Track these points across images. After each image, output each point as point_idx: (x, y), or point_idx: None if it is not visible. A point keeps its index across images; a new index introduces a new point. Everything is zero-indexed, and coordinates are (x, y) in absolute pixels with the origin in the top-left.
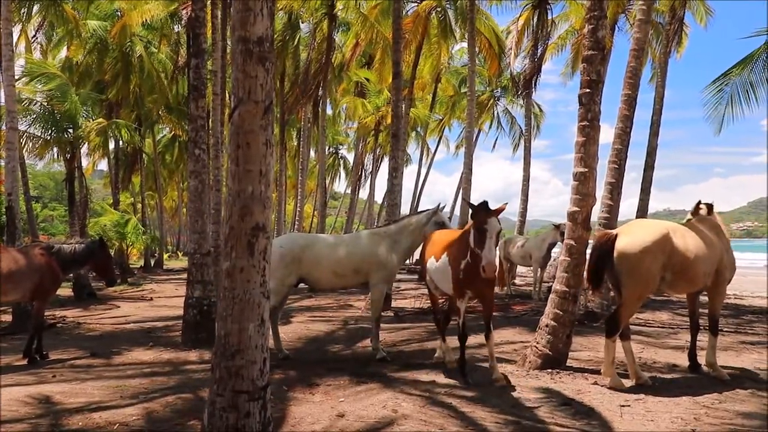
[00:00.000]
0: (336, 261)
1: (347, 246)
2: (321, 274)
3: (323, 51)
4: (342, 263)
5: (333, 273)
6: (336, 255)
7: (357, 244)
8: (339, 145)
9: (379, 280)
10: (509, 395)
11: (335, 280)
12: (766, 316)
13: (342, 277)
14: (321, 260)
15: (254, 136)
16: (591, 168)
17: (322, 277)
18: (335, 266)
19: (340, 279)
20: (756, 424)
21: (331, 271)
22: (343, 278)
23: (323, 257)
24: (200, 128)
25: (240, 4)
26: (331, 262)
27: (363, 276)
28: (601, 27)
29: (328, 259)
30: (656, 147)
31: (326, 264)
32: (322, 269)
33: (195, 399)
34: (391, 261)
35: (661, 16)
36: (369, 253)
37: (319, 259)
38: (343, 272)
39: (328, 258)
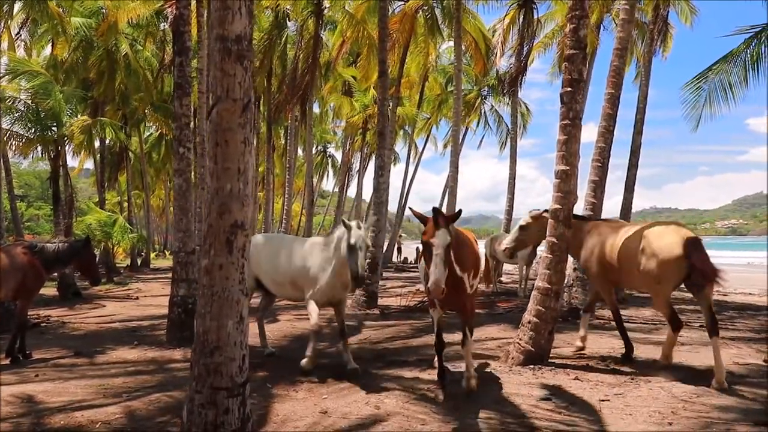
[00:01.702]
0: (274, 268)
1: (289, 253)
2: (266, 280)
3: (310, 49)
4: (279, 272)
5: (272, 281)
6: (276, 261)
7: (296, 253)
8: (327, 144)
9: (309, 296)
10: (492, 391)
11: (278, 290)
12: (748, 312)
13: (281, 286)
14: (262, 265)
15: (232, 134)
16: (573, 166)
17: (268, 284)
18: (273, 274)
19: (280, 288)
20: (732, 417)
21: (270, 279)
22: (282, 288)
23: (266, 262)
24: (185, 126)
25: (218, 2)
26: (270, 268)
27: (300, 290)
28: (583, 26)
29: (269, 264)
30: (640, 145)
31: (267, 269)
32: (265, 275)
33: (179, 397)
34: (322, 276)
35: (646, 16)
36: (301, 265)
37: (264, 263)
38: (282, 281)
39: (269, 263)
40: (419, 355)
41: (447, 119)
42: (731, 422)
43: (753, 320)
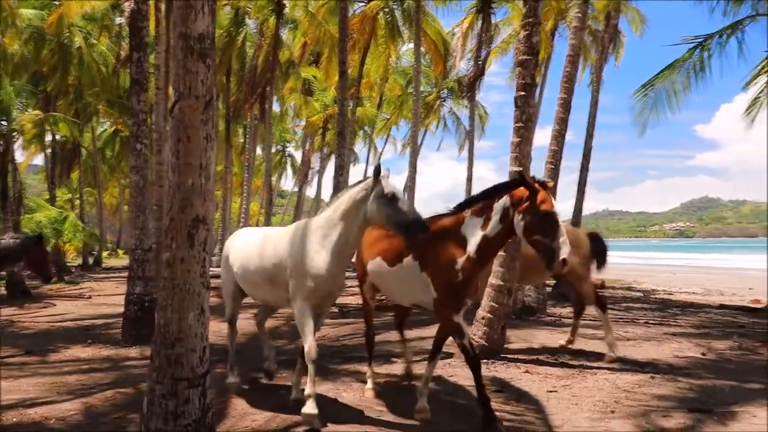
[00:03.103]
0: (245, 265)
1: (264, 243)
2: (241, 280)
3: (270, 48)
4: (252, 268)
5: (244, 281)
6: (247, 256)
7: (273, 241)
8: (286, 143)
9: (295, 293)
10: (447, 383)
11: (253, 292)
12: (689, 310)
13: (256, 286)
14: (236, 262)
15: (195, 131)
16: (525, 167)
17: (244, 285)
18: (245, 272)
19: (256, 290)
20: (669, 404)
21: (242, 278)
22: (257, 288)
23: (239, 258)
24: (142, 123)
25: (181, 1)
26: (243, 265)
27: (282, 288)
28: (536, 33)
29: (243, 260)
30: (591, 149)
31: (240, 267)
32: (240, 275)
33: (135, 393)
34: (313, 264)
35: (599, 24)
36: (282, 254)
37: (237, 259)
38: (255, 280)
39: (243, 259)
40: (376, 352)
41: (407, 120)
42: (668, 409)
43: (694, 317)
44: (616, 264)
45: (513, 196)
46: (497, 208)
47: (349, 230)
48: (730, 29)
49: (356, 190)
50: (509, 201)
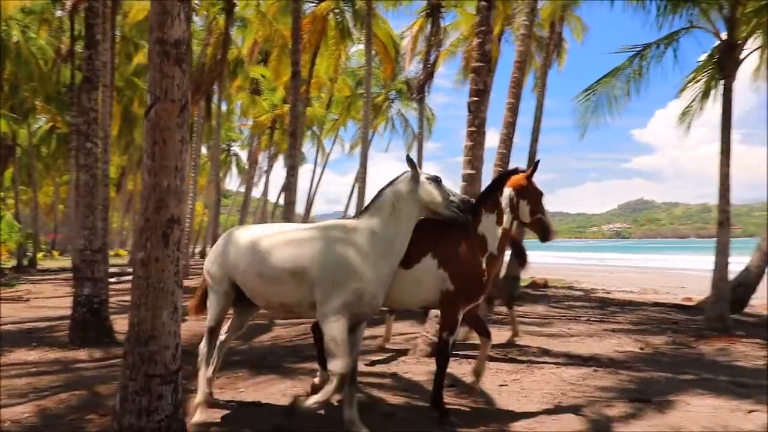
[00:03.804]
0: (262, 264)
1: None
2: (245, 278)
3: (219, 46)
4: (270, 269)
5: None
6: (263, 256)
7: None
8: (231, 142)
9: (330, 300)
10: (402, 380)
11: (266, 294)
12: (628, 308)
13: (273, 282)
14: (245, 258)
15: (170, 134)
16: (478, 170)
17: (255, 287)
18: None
19: (269, 286)
20: (611, 395)
21: (253, 280)
22: (273, 285)
23: (249, 258)
24: (92, 121)
25: (158, 6)
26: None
27: (307, 292)
28: (488, 41)
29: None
30: (536, 152)
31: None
32: (248, 272)
33: (90, 395)
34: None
35: (544, 30)
36: (318, 257)
37: (245, 256)
38: (275, 276)
39: (259, 259)
40: None
41: (355, 121)
42: (611, 400)
43: (632, 314)
44: (558, 264)
45: (514, 187)
46: (505, 200)
47: (401, 227)
48: (667, 40)
49: (398, 186)
50: (513, 191)
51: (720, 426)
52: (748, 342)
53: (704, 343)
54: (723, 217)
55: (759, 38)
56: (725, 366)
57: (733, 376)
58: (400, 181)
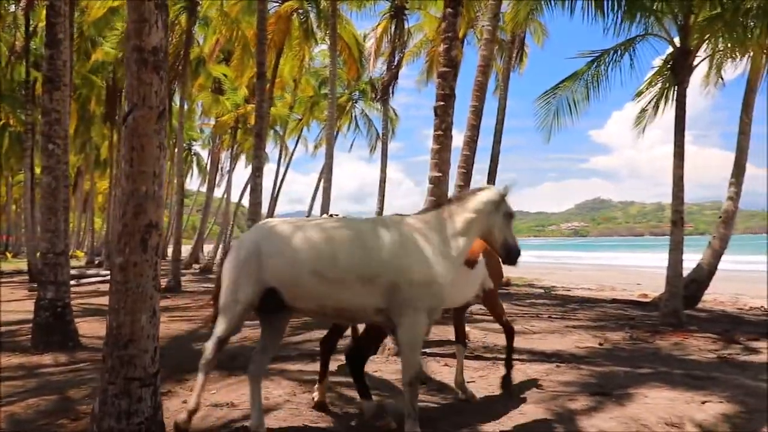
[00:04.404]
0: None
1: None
2: (300, 282)
3: (181, 45)
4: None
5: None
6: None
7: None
8: (192, 141)
9: (410, 304)
10: (373, 378)
11: (323, 296)
12: (587, 304)
13: (335, 285)
14: (296, 256)
15: (149, 140)
16: (444, 173)
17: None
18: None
19: (333, 288)
20: (574, 389)
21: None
22: (334, 287)
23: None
24: (55, 122)
25: (135, 14)
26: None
27: (378, 295)
28: (454, 47)
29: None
30: (499, 153)
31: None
32: (299, 272)
33: (60, 400)
34: (441, 272)
35: (506, 34)
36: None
37: (296, 254)
38: (341, 278)
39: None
40: (300, 350)
41: (318, 121)
42: (573, 393)
43: (591, 311)
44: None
45: None
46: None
47: (471, 239)
48: (623, 46)
49: (486, 200)
50: None
51: (675, 416)
52: (701, 336)
53: (660, 338)
54: (677, 216)
55: (709, 47)
56: (680, 359)
57: (687, 369)
58: (486, 194)
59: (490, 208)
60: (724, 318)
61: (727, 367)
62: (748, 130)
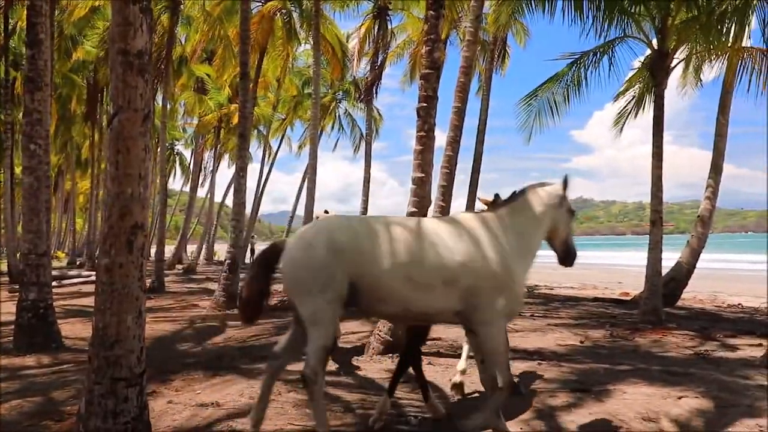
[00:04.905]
0: (410, 261)
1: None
2: (382, 282)
3: (164, 44)
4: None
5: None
6: (406, 250)
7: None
8: (175, 141)
9: (494, 308)
10: (357, 377)
11: (410, 298)
12: (569, 303)
13: (423, 289)
14: (384, 260)
15: (134, 142)
16: (427, 174)
17: (391, 288)
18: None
19: (421, 292)
20: (554, 386)
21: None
22: (422, 291)
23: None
24: (36, 122)
25: (120, 18)
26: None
27: (457, 297)
28: (437, 49)
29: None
30: (482, 153)
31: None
32: (388, 276)
33: (44, 401)
34: (518, 272)
35: (488, 35)
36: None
37: (383, 257)
38: (428, 282)
39: (398, 255)
40: None
41: (302, 120)
42: (554, 390)
43: (573, 309)
44: None
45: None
46: None
47: (540, 236)
48: (602, 48)
49: (548, 194)
50: None
51: (652, 411)
52: (679, 333)
53: (640, 336)
54: (655, 216)
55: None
56: (658, 356)
57: (665, 366)
58: (551, 188)
59: (556, 204)
60: (702, 315)
61: (704, 363)
62: (724, 131)
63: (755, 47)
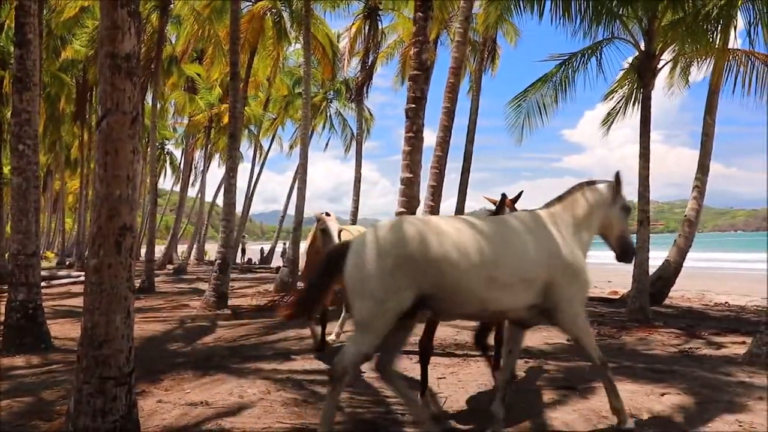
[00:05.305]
0: (490, 261)
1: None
2: (468, 283)
3: (153, 44)
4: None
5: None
6: (486, 250)
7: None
8: (165, 140)
9: (572, 299)
10: None
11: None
12: None
13: (503, 289)
14: (464, 261)
15: (122, 144)
16: (416, 174)
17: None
18: (492, 270)
19: (500, 292)
20: (541, 384)
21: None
22: (502, 291)
23: (469, 256)
24: (25, 122)
25: (108, 21)
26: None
27: (534, 293)
28: (425, 50)
29: (476, 255)
30: (472, 153)
31: (474, 266)
32: (468, 277)
33: (35, 401)
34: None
35: (478, 35)
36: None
37: (463, 258)
38: (508, 281)
39: (476, 253)
40: (275, 350)
41: (293, 120)
42: (541, 388)
43: None
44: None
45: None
46: None
47: (593, 232)
48: (590, 49)
49: (599, 192)
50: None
51: (635, 408)
52: (665, 332)
53: (626, 334)
54: (643, 216)
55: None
56: (643, 354)
57: (650, 363)
58: (601, 188)
59: (609, 200)
60: (689, 314)
61: (688, 360)
62: (711, 131)
63: (741, 49)
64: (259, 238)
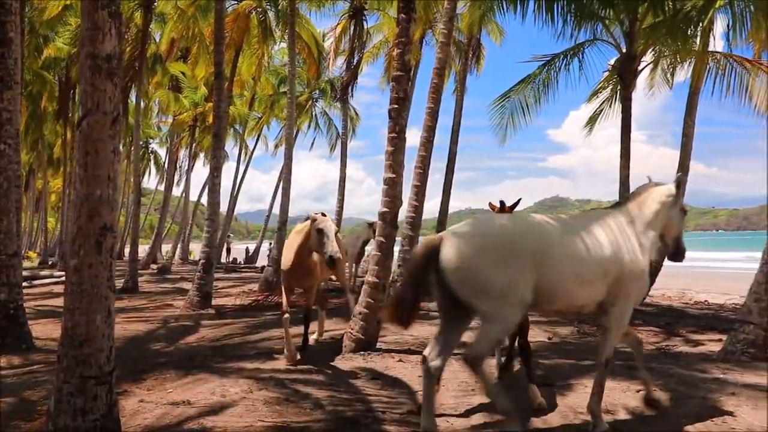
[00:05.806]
0: (580, 258)
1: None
2: (562, 280)
3: (138, 43)
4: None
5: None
6: (577, 247)
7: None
8: (150, 139)
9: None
10: (328, 374)
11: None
12: None
13: (587, 285)
14: (562, 257)
15: (103, 144)
16: (398, 174)
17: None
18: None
19: (585, 288)
20: (519, 383)
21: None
22: (586, 287)
23: (565, 253)
24: (6, 122)
25: (89, 22)
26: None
27: (606, 288)
28: (408, 51)
29: (571, 254)
30: (456, 153)
31: (569, 263)
32: (564, 274)
33: (17, 401)
34: (645, 265)
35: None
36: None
37: (561, 255)
38: (592, 277)
39: (571, 253)
40: (258, 349)
41: (278, 119)
42: (519, 386)
43: None
44: None
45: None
46: None
47: (657, 232)
48: (572, 51)
49: (667, 193)
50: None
51: (611, 404)
52: (645, 330)
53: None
54: None
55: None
56: (621, 352)
57: (627, 360)
58: (666, 187)
59: (671, 202)
60: (669, 312)
61: (665, 357)
62: (691, 132)
63: (720, 52)
64: (244, 237)
